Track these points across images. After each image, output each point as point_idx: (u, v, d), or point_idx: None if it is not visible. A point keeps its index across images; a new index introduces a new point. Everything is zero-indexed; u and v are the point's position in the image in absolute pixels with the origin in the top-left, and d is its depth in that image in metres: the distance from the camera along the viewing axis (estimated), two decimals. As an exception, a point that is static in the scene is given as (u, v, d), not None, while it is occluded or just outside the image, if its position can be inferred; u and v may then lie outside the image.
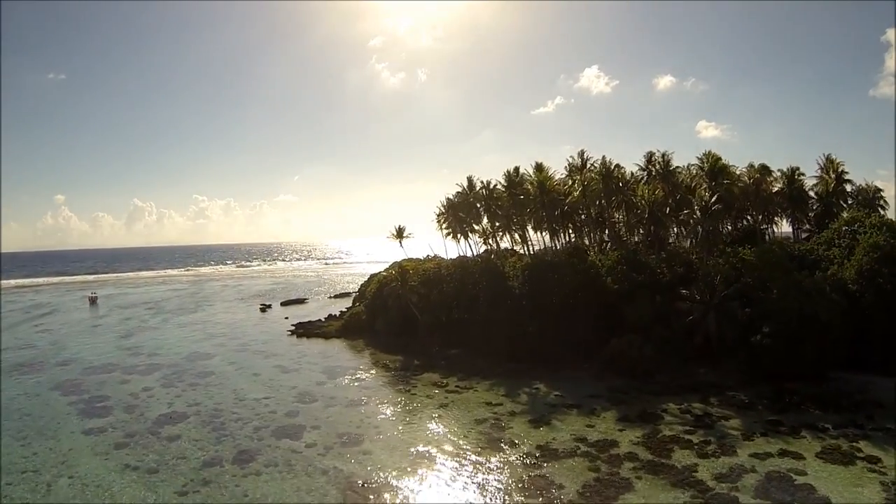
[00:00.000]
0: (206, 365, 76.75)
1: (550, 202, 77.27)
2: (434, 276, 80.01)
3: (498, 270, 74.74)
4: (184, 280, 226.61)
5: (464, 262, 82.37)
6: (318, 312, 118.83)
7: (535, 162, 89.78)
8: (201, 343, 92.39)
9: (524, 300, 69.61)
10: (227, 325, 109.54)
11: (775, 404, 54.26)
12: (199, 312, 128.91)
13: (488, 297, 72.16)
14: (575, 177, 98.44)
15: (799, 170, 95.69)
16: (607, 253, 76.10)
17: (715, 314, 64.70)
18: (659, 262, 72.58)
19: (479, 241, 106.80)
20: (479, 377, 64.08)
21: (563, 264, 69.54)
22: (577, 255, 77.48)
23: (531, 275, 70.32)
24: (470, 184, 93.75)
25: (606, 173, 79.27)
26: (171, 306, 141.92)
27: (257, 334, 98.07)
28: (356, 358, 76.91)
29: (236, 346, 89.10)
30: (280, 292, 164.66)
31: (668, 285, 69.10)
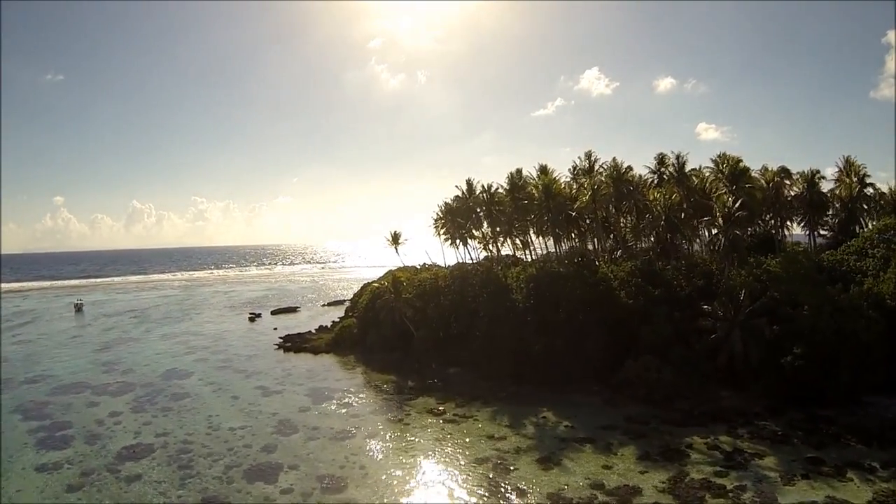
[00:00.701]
0: (183, 385, 70.75)
1: (556, 207, 71.11)
2: (430, 288, 73.93)
3: (500, 282, 68.66)
4: (176, 285, 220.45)
5: (463, 272, 76.27)
6: (309, 323, 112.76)
7: (539, 164, 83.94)
8: (182, 358, 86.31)
9: (529, 315, 63.46)
10: (212, 336, 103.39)
11: (811, 436, 48.60)
12: (185, 322, 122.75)
13: (489, 312, 66.05)
14: (581, 180, 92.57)
15: (819, 173, 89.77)
16: (619, 263, 69.90)
17: (740, 332, 58.59)
18: (676, 274, 66.51)
19: (478, 246, 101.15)
20: (479, 402, 57.97)
21: (572, 276, 63.42)
22: (587, 266, 71.44)
23: (536, 287, 64.22)
24: (469, 187, 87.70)
25: (617, 176, 73.13)
26: (158, 315, 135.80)
27: (242, 348, 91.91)
28: (345, 377, 70.69)
29: (218, 361, 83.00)
30: (272, 299, 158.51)
31: (687, 300, 62.97)
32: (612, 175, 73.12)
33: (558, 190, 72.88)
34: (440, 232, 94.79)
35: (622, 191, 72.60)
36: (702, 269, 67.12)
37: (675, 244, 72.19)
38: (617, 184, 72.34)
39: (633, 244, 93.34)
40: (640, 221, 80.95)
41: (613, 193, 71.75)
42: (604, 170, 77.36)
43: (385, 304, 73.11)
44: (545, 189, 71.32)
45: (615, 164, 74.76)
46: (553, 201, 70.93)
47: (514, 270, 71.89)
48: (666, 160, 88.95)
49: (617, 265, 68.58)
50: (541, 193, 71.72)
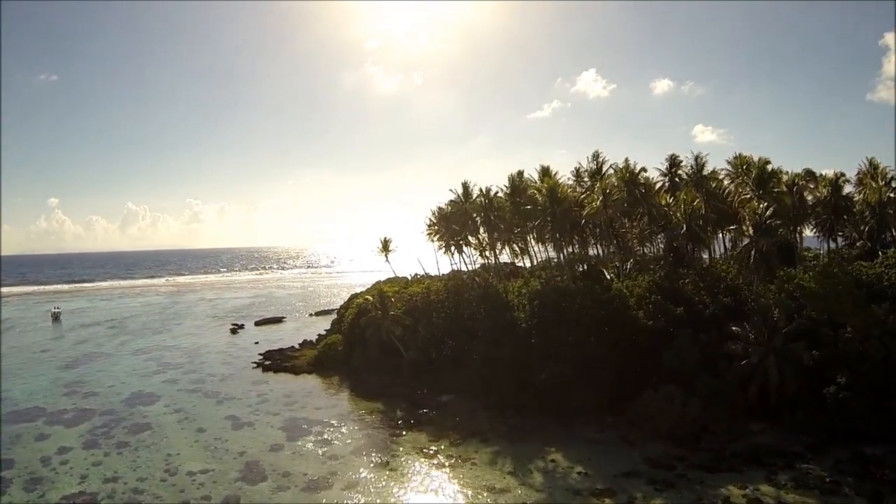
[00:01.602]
0: (147, 413, 63.31)
1: (563, 213, 63.76)
2: (422, 304, 66.49)
3: (499, 298, 61.34)
4: (163, 291, 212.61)
5: (457, 286, 68.78)
6: (294, 335, 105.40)
7: (541, 165, 76.89)
8: (151, 378, 78.79)
9: (532, 336, 56.10)
10: (188, 352, 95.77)
11: (863, 482, 41.68)
12: (163, 334, 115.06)
13: (488, 332, 58.69)
14: (585, 182, 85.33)
15: (844, 175, 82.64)
16: (632, 276, 62.50)
17: (775, 358, 51.30)
18: (697, 289, 59.25)
19: (474, 253, 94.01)
20: (477, 439, 50.48)
21: (581, 292, 56.09)
22: (597, 279, 64.26)
23: (541, 305, 56.90)
24: (465, 191, 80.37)
25: (630, 179, 65.77)
26: (136, 325, 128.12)
27: (218, 366, 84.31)
28: (326, 405, 63.01)
29: (190, 383, 75.47)
30: (258, 307, 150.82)
31: (712, 320, 55.68)
32: (624, 177, 65.71)
33: (564, 194, 65.51)
34: (433, 239, 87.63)
35: (635, 195, 65.25)
36: (726, 284, 59.80)
37: (689, 253, 64.71)
38: (630, 187, 65.00)
39: (642, 252, 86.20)
40: (651, 228, 73.76)
41: (626, 198, 64.35)
42: (614, 171, 69.94)
43: (371, 322, 65.50)
44: (550, 193, 64.00)
45: (627, 165, 67.37)
46: (559, 206, 63.61)
47: (516, 284, 64.60)
48: (677, 161, 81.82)
49: (631, 278, 61.14)
50: (545, 198, 64.38)
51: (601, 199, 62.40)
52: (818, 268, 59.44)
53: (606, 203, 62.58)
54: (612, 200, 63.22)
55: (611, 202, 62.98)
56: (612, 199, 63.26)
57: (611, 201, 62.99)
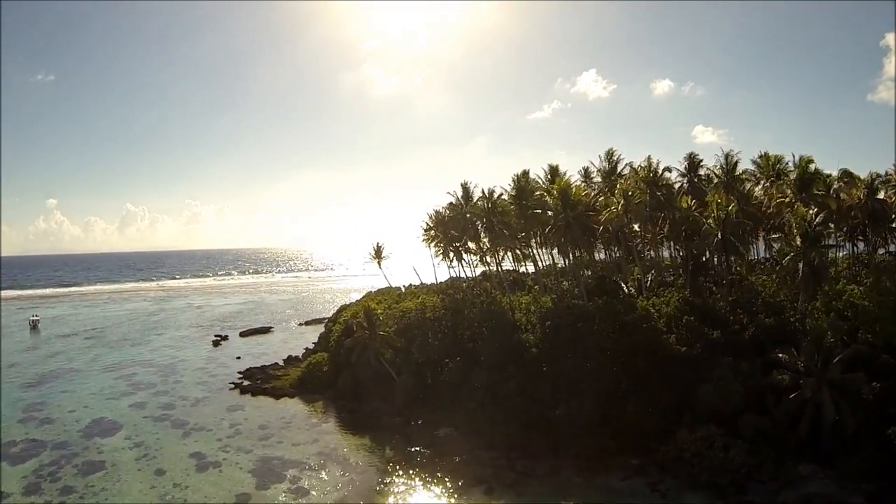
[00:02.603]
0: (104, 447, 55.70)
1: (576, 218, 55.96)
2: (416, 322, 58.59)
3: (504, 317, 53.56)
4: (151, 296, 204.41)
5: (456, 302, 60.89)
6: (280, 348, 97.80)
7: (549, 165, 69.37)
8: (118, 402, 71.02)
9: (544, 364, 48.29)
10: (163, 368, 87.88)
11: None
12: (141, 346, 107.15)
13: (492, 356, 50.90)
14: (593, 183, 77.74)
15: (881, 176, 74.96)
16: (660, 292, 54.63)
17: (829, 392, 43.53)
18: (732, 308, 51.49)
19: (474, 259, 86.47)
20: (481, 490, 42.53)
21: (601, 312, 48.18)
22: (610, 290, 56.45)
23: (554, 327, 49.08)
24: (465, 192, 72.45)
25: (652, 180, 57.94)
26: (115, 336, 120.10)
27: (193, 386, 76.45)
28: (306, 440, 54.96)
29: (159, 408, 67.65)
30: (246, 315, 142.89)
31: (753, 345, 47.91)
32: (646, 178, 57.87)
33: (578, 197, 57.70)
34: (430, 245, 79.92)
35: (658, 198, 57.44)
36: (764, 301, 52.01)
37: (725, 267, 56.65)
38: (652, 190, 57.22)
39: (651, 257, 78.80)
40: (670, 234, 66.11)
41: (649, 202, 56.53)
42: (632, 172, 62.14)
43: (357, 343, 57.47)
44: (562, 196, 56.15)
45: (650, 164, 59.45)
46: (572, 211, 55.79)
47: (523, 299, 56.77)
48: (697, 161, 74.17)
49: (657, 295, 53.31)
50: (556, 201, 56.54)
51: (622, 203, 54.54)
52: (872, 282, 51.56)
53: (628, 207, 54.72)
54: (635, 204, 55.38)
55: (632, 206, 55.15)
56: (635, 203, 55.42)
57: (632, 205, 55.15)
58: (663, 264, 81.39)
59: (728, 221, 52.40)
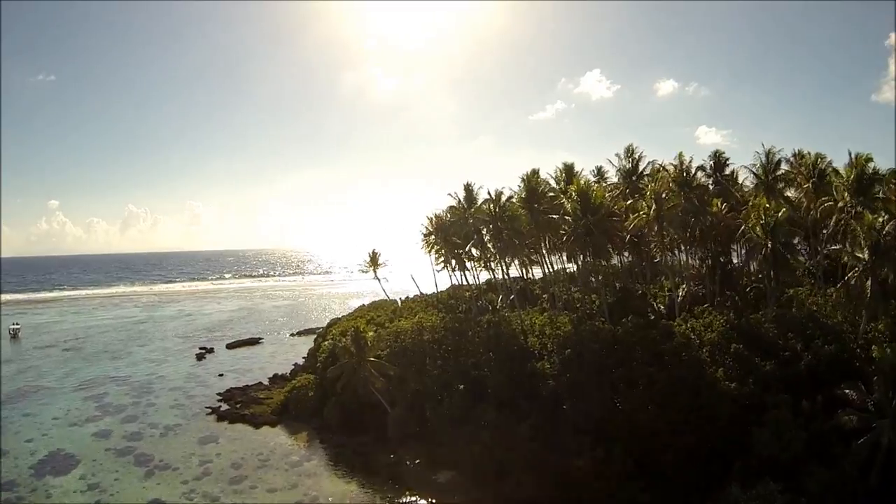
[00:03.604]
0: (53, 490, 48.76)
1: (598, 223, 48.15)
2: (412, 345, 50.76)
3: (515, 342, 45.72)
4: (143, 301, 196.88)
5: (457, 322, 53.12)
6: (268, 363, 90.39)
7: (563, 163, 61.76)
8: (82, 429, 63.72)
9: (564, 400, 40.48)
10: (139, 387, 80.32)
11: None
12: (120, 360, 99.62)
13: (500, 389, 43.10)
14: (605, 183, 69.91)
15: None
16: (698, 314, 46.66)
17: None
18: (782, 332, 43.59)
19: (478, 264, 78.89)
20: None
21: (631, 339, 40.31)
22: (634, 307, 48.65)
23: (575, 355, 41.22)
24: (468, 194, 64.69)
25: (686, 182, 50.07)
26: (96, 347, 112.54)
27: (166, 410, 68.80)
28: (284, 485, 46.88)
29: (125, 437, 60.24)
30: (237, 324, 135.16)
31: (811, 378, 40.03)
32: (677, 179, 50.00)
33: (599, 199, 49.87)
34: (430, 252, 72.35)
35: (693, 202, 49.54)
36: (822, 324, 44.05)
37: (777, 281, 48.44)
38: (685, 192, 49.36)
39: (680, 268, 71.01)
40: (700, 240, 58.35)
41: (683, 206, 48.65)
42: (665, 171, 54.25)
43: (344, 370, 49.54)
44: (581, 198, 48.35)
45: (682, 162, 51.53)
46: (593, 216, 48.00)
47: (537, 320, 48.92)
48: (724, 160, 66.17)
49: (695, 316, 45.41)
50: (574, 204, 48.74)
51: (654, 208, 46.67)
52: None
53: (660, 212, 46.85)
54: (667, 209, 47.50)
55: (665, 211, 47.26)
56: (667, 208, 47.54)
57: (665, 209, 47.26)
58: (685, 273, 73.77)
59: (779, 229, 44.51)
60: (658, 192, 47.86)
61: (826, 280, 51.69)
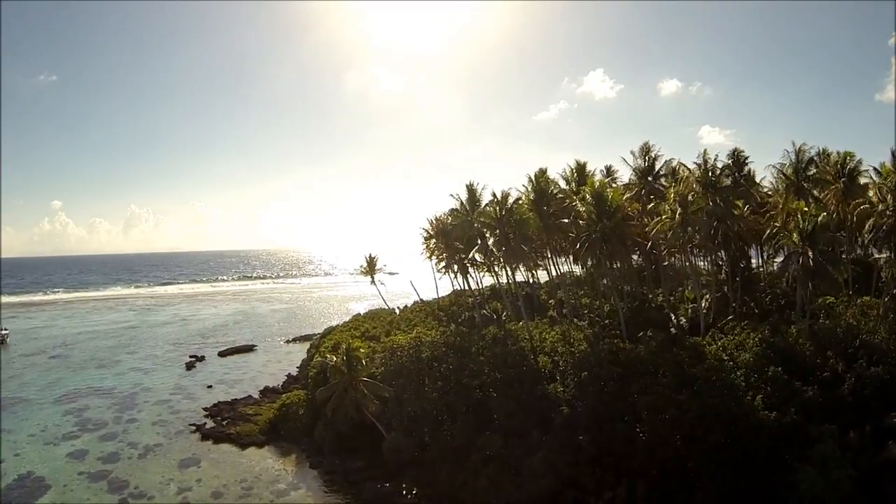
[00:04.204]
0: (10, 525, 43.80)
1: (615, 228, 43.52)
2: (409, 363, 46.14)
3: (525, 361, 41.07)
4: (138, 304, 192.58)
5: (459, 337, 48.51)
6: (259, 374, 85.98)
7: (576, 161, 57.31)
8: (57, 448, 59.43)
9: (581, 429, 35.90)
10: (122, 400, 75.92)
11: None
12: (107, 368, 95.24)
13: (508, 417, 38.53)
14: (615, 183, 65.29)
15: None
16: (729, 331, 41.90)
17: None
18: (820, 350, 38.95)
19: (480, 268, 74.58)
20: None
21: (656, 361, 35.70)
22: (649, 317, 44.05)
23: (593, 379, 36.65)
24: (471, 196, 60.10)
25: (711, 183, 45.37)
26: (84, 354, 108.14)
27: (148, 428, 64.30)
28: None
29: (101, 459, 55.87)
30: (231, 329, 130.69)
31: (857, 403, 35.40)
32: (705, 180, 45.30)
33: (616, 202, 45.24)
34: (431, 258, 67.90)
35: (718, 204, 44.76)
36: (864, 342, 39.31)
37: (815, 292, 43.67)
38: (710, 194, 44.63)
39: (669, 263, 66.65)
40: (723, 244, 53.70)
41: (710, 209, 43.92)
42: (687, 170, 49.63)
43: (334, 392, 44.88)
44: (596, 200, 43.74)
45: (705, 161, 46.78)
46: (610, 220, 43.39)
47: (549, 335, 44.29)
48: (742, 159, 61.43)
49: (726, 332, 40.74)
50: (589, 207, 44.13)
51: (679, 212, 42.01)
52: None
53: (685, 215, 42.18)
54: (692, 213, 42.81)
55: (690, 215, 42.56)
56: (692, 211, 42.85)
57: (690, 214, 42.56)
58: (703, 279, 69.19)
59: (818, 235, 39.85)
60: (683, 194, 43.19)
61: (851, 287, 47.08)
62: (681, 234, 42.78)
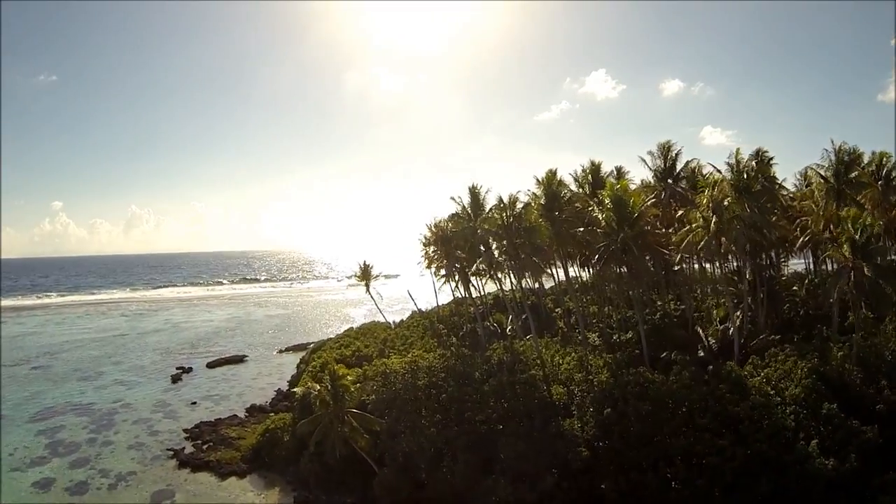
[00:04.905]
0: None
1: (638, 238, 38.42)
2: (403, 391, 40.96)
3: (537, 392, 35.90)
4: (132, 309, 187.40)
5: (460, 361, 43.33)
6: (248, 389, 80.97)
7: (591, 161, 52.25)
8: (23, 475, 54.90)
9: (603, 477, 30.70)
10: (100, 418, 70.94)
11: None
12: (88, 381, 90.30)
13: (518, 460, 33.34)
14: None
15: None
16: (771, 359, 36.64)
17: None
18: (871, 378, 33.81)
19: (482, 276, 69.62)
20: None
21: (691, 396, 30.55)
22: (682, 343, 38.96)
23: (617, 416, 31.50)
24: (474, 200, 54.94)
25: (746, 187, 40.15)
26: (68, 364, 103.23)
27: (123, 452, 59.28)
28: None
29: (68, 489, 51.24)
30: (223, 337, 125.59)
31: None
32: (739, 184, 40.03)
33: (638, 207, 40.09)
34: (430, 268, 62.85)
35: (755, 210, 39.53)
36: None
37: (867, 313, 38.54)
38: (748, 201, 39.38)
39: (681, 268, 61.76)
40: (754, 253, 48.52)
41: (747, 217, 38.72)
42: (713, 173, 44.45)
43: (317, 426, 39.61)
44: (616, 206, 38.62)
45: (738, 161, 41.55)
46: (632, 228, 38.28)
47: (562, 361, 39.17)
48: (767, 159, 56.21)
49: (758, 354, 35.55)
50: (609, 214, 39.02)
51: (714, 221, 36.78)
52: None
53: (721, 223, 36.95)
54: (728, 220, 37.57)
55: (725, 223, 37.33)
56: (729, 219, 37.62)
57: (725, 222, 37.32)
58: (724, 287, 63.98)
59: (875, 249, 34.67)
60: (717, 200, 37.93)
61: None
62: (715, 246, 37.77)
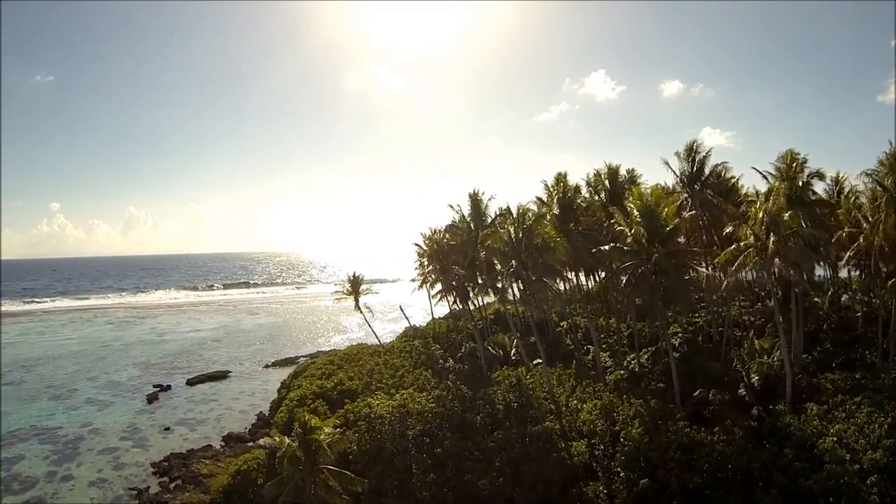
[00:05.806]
0: None
1: (672, 258, 32.13)
2: (391, 443, 34.47)
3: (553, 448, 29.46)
4: (119, 315, 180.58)
5: (459, 401, 36.90)
6: (229, 410, 74.71)
7: (607, 165, 45.90)
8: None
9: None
10: (63, 446, 64.35)
11: None
12: (60, 400, 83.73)
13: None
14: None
15: None
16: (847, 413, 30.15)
17: None
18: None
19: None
20: None
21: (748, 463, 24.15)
22: (715, 375, 32.68)
23: (657, 487, 25.07)
24: (475, 208, 48.66)
25: (799, 197, 33.87)
26: (41, 380, 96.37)
27: (82, 490, 52.76)
28: None
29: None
30: (209, 349, 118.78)
31: None
32: (791, 193, 33.67)
33: (670, 219, 33.77)
34: (426, 283, 56.47)
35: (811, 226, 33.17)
36: None
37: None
38: (803, 213, 33.06)
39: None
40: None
41: (808, 234, 32.32)
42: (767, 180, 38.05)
43: (288, 485, 33.06)
44: (647, 218, 32.28)
45: (789, 164, 35.04)
46: (664, 246, 31.96)
47: (583, 405, 32.77)
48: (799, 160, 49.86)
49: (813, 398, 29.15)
50: (638, 228, 32.70)
51: (773, 241, 30.31)
52: None
53: (777, 239, 30.50)
54: (784, 236, 31.10)
55: (781, 240, 30.85)
56: (785, 234, 31.14)
57: (781, 239, 30.83)
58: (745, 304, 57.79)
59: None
60: (772, 213, 31.29)
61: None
62: (772, 269, 31.38)
